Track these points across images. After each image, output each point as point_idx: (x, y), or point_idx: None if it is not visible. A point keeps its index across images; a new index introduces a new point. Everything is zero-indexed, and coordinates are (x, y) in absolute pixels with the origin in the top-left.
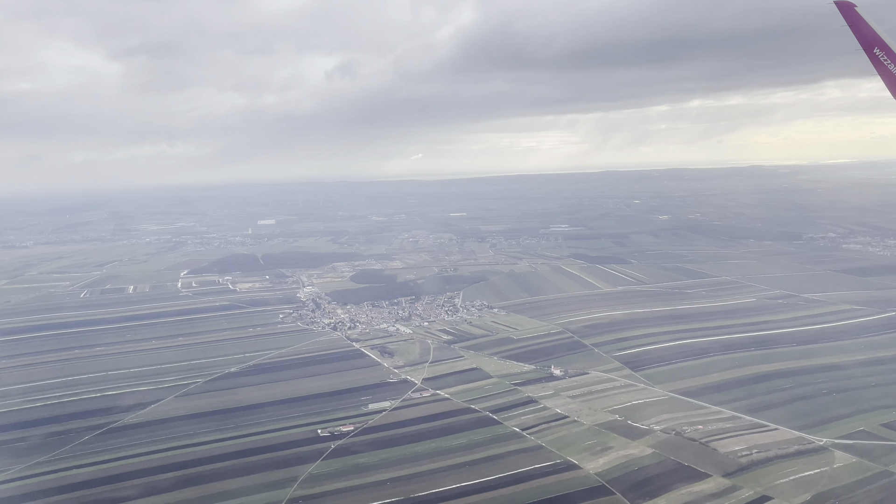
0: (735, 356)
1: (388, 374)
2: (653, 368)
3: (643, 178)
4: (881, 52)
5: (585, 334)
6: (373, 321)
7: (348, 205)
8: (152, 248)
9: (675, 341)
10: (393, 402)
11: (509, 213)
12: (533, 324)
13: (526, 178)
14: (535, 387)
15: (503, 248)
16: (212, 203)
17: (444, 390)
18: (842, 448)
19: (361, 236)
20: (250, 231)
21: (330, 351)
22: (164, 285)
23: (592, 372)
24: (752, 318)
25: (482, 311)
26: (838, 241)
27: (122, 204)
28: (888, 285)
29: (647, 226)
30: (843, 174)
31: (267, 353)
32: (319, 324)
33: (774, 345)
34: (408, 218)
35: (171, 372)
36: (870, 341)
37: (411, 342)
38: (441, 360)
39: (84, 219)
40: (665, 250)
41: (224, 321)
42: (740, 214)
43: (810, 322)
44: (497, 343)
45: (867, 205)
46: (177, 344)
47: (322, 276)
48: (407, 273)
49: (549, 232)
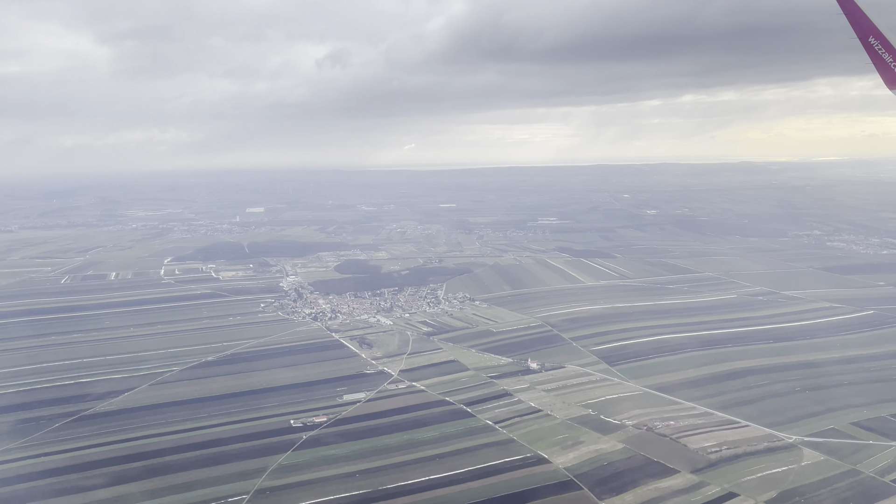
0: (711, 352)
1: (366, 366)
2: (629, 363)
3: (634, 173)
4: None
5: (565, 328)
6: (354, 312)
7: (338, 194)
8: (138, 234)
9: (654, 336)
10: (368, 393)
11: (499, 205)
12: (513, 317)
13: (517, 170)
14: (510, 380)
15: (490, 240)
16: (201, 190)
17: (420, 382)
18: (811, 446)
19: (349, 226)
20: (238, 219)
21: (308, 341)
22: (146, 272)
23: (569, 366)
24: (732, 314)
25: (464, 303)
26: (823, 238)
27: (110, 189)
28: (868, 283)
29: (635, 220)
30: (832, 172)
31: (245, 343)
32: (300, 314)
33: (751, 341)
34: (397, 208)
35: (147, 360)
36: (845, 339)
37: (391, 333)
38: (419, 352)
39: (71, 203)
40: (650, 245)
41: (205, 309)
42: (728, 210)
43: (788, 319)
44: (476, 335)
45: (854, 203)
46: (155, 332)
47: (306, 265)
48: (391, 264)
49: (536, 225)
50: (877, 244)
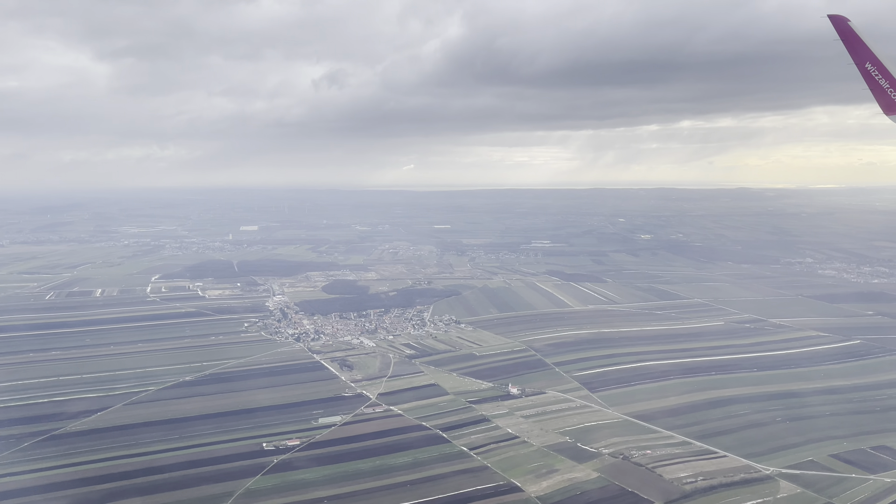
0: (694, 380)
1: (345, 388)
2: (611, 390)
3: (631, 197)
4: (873, 66)
5: (548, 353)
6: (338, 333)
7: (334, 213)
8: (129, 251)
9: (637, 363)
10: (344, 416)
11: (493, 227)
12: (498, 340)
13: (515, 192)
14: (489, 405)
15: (482, 262)
16: (197, 207)
17: (397, 406)
18: (788, 478)
19: (342, 245)
20: (231, 237)
21: (289, 362)
22: (132, 289)
23: (550, 391)
24: (717, 341)
25: (449, 325)
26: (815, 266)
27: (106, 205)
28: (856, 312)
29: (628, 245)
30: (828, 199)
31: (225, 363)
32: (283, 334)
33: (735, 370)
34: (391, 228)
35: (124, 379)
36: (829, 369)
37: (373, 356)
38: (400, 375)
39: (65, 219)
40: (642, 270)
41: (187, 328)
42: (722, 236)
43: (774, 348)
44: (459, 359)
45: (848, 231)
46: (135, 350)
47: (294, 285)
48: (380, 285)
49: (529, 247)
50: (868, 273)
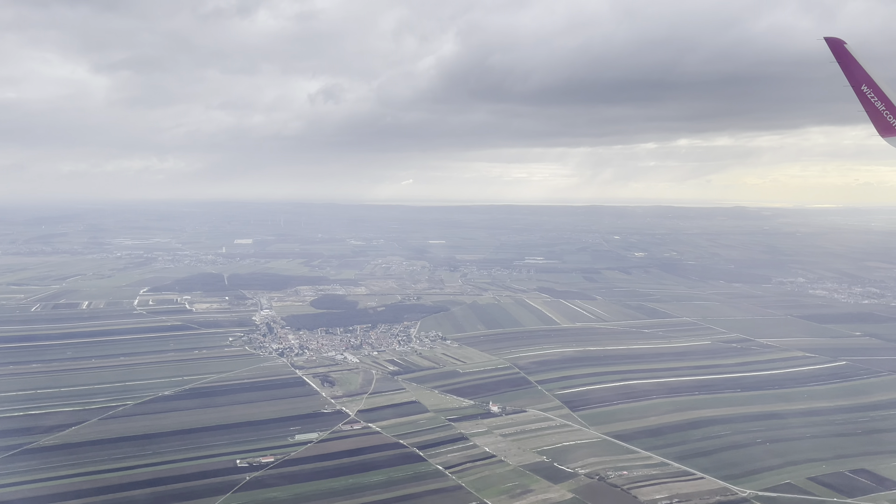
0: (677, 400)
1: (324, 404)
2: (592, 409)
3: (627, 214)
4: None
5: (532, 370)
6: (322, 348)
7: (330, 227)
8: (121, 263)
9: (621, 382)
10: (321, 433)
11: (488, 243)
12: (482, 357)
13: (512, 208)
14: (469, 423)
15: (473, 278)
16: (194, 219)
17: (376, 423)
18: (764, 501)
19: (335, 260)
20: (224, 250)
21: (270, 378)
22: (119, 302)
23: (531, 410)
24: (703, 361)
25: (435, 342)
26: (806, 286)
27: (102, 217)
28: (844, 333)
29: (622, 262)
30: (824, 219)
31: (206, 378)
32: (267, 349)
33: (719, 390)
34: (386, 243)
35: (102, 393)
36: (813, 391)
37: (355, 372)
38: (381, 392)
39: (60, 230)
40: (633, 288)
41: (171, 342)
42: (716, 255)
43: (759, 368)
44: (442, 376)
45: (842, 251)
46: (117, 364)
47: (283, 299)
48: (369, 300)
49: (523, 264)
50: (859, 293)
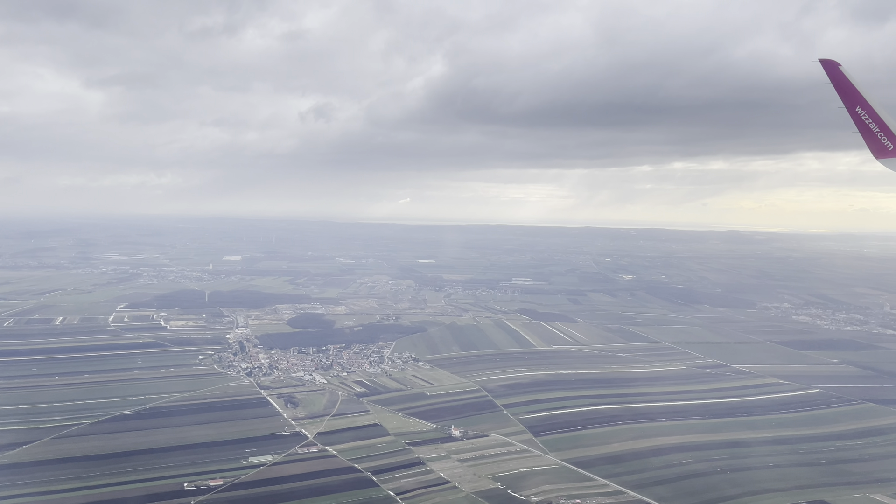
0: (643, 426)
1: (284, 426)
2: (555, 434)
3: (620, 237)
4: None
5: (500, 394)
6: (292, 368)
7: (321, 245)
8: (105, 278)
9: (588, 406)
10: (276, 456)
11: (477, 263)
12: (452, 380)
13: (506, 228)
14: (428, 447)
15: (457, 298)
16: (186, 235)
17: (333, 446)
18: None
19: (320, 278)
20: (211, 266)
21: (234, 397)
22: (94, 318)
23: (492, 434)
24: (675, 386)
25: (407, 363)
26: (790, 311)
27: (93, 231)
28: (821, 360)
29: (609, 285)
30: (818, 244)
31: (169, 396)
32: (236, 368)
33: (686, 416)
34: (375, 262)
35: (59, 411)
36: (782, 418)
37: (321, 393)
38: (344, 414)
39: (49, 244)
40: (616, 311)
41: (139, 359)
42: (704, 279)
43: (730, 394)
44: (408, 398)
45: (831, 276)
46: (80, 381)
47: (260, 317)
48: (347, 319)
49: (509, 285)
50: (842, 320)
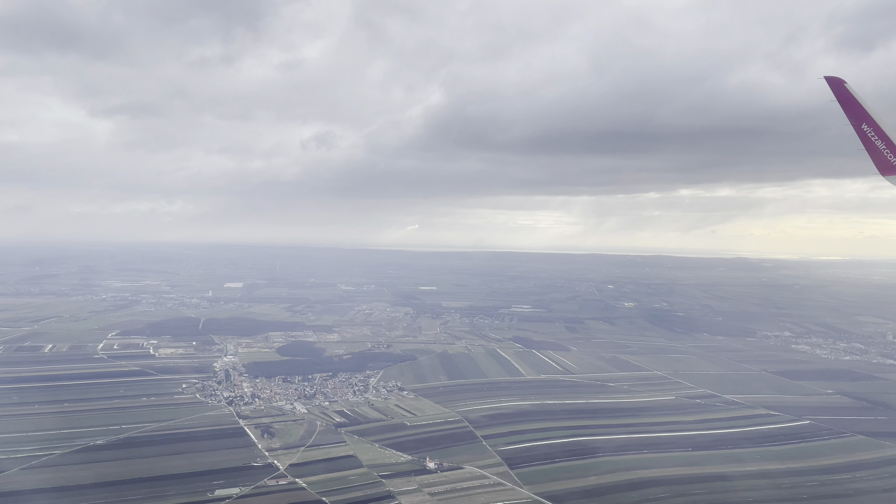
0: (624, 458)
1: (257, 457)
2: (532, 467)
3: (626, 263)
4: (869, 128)
5: (482, 424)
6: (274, 397)
7: (324, 272)
8: (103, 305)
9: (570, 438)
10: (244, 488)
11: (479, 290)
12: (435, 410)
13: (512, 255)
14: (400, 480)
15: (454, 325)
16: (191, 262)
17: (304, 478)
18: None
19: (319, 305)
20: (211, 293)
21: (210, 427)
22: (84, 346)
23: (468, 467)
24: (662, 417)
25: (392, 392)
26: (790, 340)
27: (99, 258)
28: (815, 391)
29: (609, 312)
30: (826, 272)
31: (145, 426)
32: (218, 397)
33: (670, 448)
34: (377, 289)
35: (33, 441)
36: (767, 451)
37: (300, 423)
38: (320, 445)
39: (53, 271)
40: (612, 339)
41: (122, 388)
42: (706, 307)
43: (717, 426)
44: (388, 429)
45: (836, 304)
46: (59, 410)
47: (251, 345)
48: (337, 347)
49: (508, 312)
50: (843, 349)
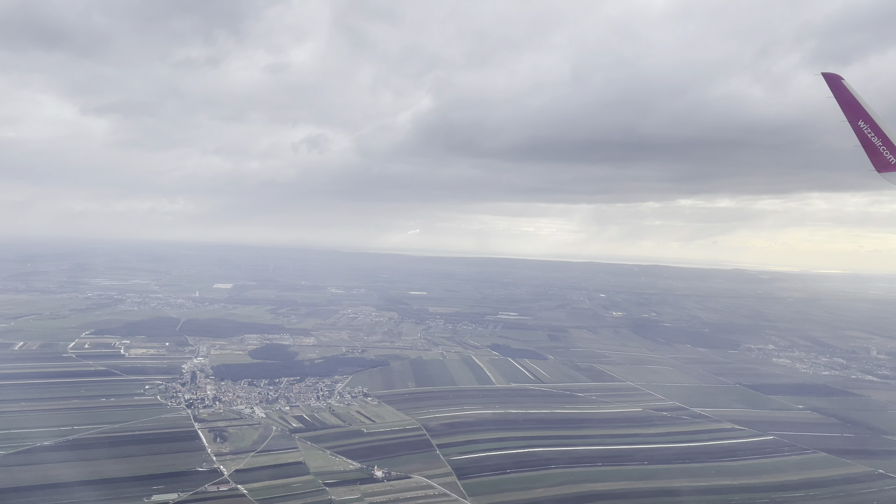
0: (575, 470)
1: (203, 462)
2: (481, 477)
3: (623, 273)
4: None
5: (439, 433)
6: (236, 400)
7: (318, 275)
8: (86, 303)
9: (526, 448)
10: (182, 494)
11: (469, 296)
12: (395, 417)
13: (508, 261)
14: (344, 489)
15: (435, 331)
16: (186, 262)
17: (247, 485)
18: None
19: (304, 308)
20: (197, 294)
21: (164, 430)
22: (55, 344)
23: (416, 476)
24: (624, 429)
25: (356, 398)
26: (773, 353)
27: (93, 256)
28: (786, 406)
29: (595, 321)
30: (823, 285)
31: (97, 428)
32: (178, 399)
33: (625, 461)
34: (367, 292)
35: None
36: (724, 466)
37: (256, 427)
38: (271, 451)
39: (43, 268)
40: (592, 349)
41: (83, 388)
42: (695, 318)
43: (678, 439)
44: (343, 436)
45: (826, 318)
46: (14, 409)
47: (225, 347)
48: (311, 351)
49: (494, 319)
50: (824, 364)
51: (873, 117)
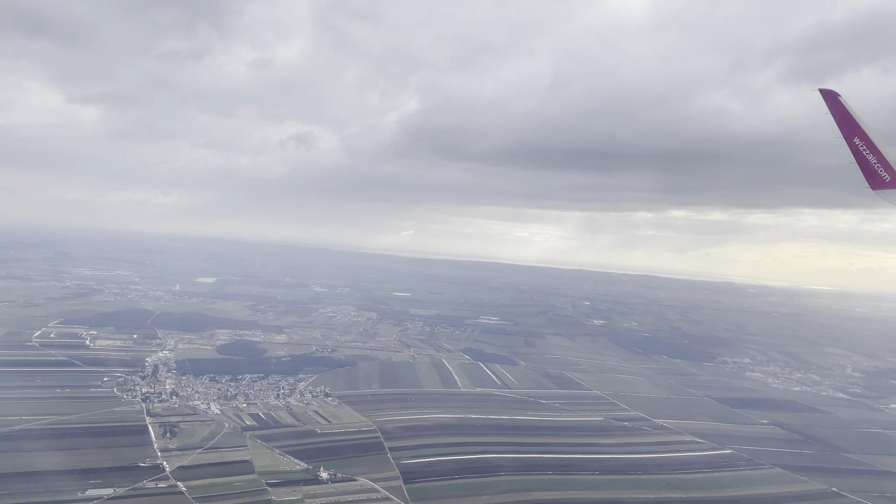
0: (524, 478)
1: (147, 457)
2: (427, 482)
3: (612, 281)
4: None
5: (394, 436)
6: (193, 396)
7: (303, 272)
8: (63, 293)
9: (478, 454)
10: (118, 490)
11: (452, 299)
12: (352, 418)
13: (498, 266)
14: (286, 490)
15: (411, 333)
16: (173, 254)
17: (187, 482)
18: None
19: (283, 305)
20: (178, 287)
21: (113, 423)
22: (21, 332)
23: (361, 479)
24: (581, 438)
25: (316, 398)
26: (748, 367)
27: (79, 245)
28: (751, 420)
29: (575, 329)
30: (810, 301)
31: (45, 419)
32: (135, 392)
33: (576, 471)
34: (350, 292)
35: None
36: (675, 479)
37: (208, 423)
38: (219, 448)
39: (26, 255)
40: (565, 356)
41: (40, 378)
42: (676, 329)
43: (635, 450)
44: (296, 435)
45: (808, 334)
46: None
47: (193, 341)
48: (280, 349)
49: (473, 323)
50: (797, 379)
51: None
